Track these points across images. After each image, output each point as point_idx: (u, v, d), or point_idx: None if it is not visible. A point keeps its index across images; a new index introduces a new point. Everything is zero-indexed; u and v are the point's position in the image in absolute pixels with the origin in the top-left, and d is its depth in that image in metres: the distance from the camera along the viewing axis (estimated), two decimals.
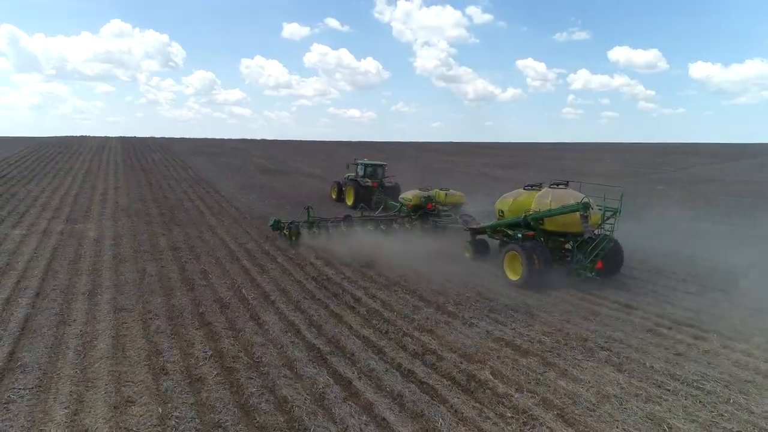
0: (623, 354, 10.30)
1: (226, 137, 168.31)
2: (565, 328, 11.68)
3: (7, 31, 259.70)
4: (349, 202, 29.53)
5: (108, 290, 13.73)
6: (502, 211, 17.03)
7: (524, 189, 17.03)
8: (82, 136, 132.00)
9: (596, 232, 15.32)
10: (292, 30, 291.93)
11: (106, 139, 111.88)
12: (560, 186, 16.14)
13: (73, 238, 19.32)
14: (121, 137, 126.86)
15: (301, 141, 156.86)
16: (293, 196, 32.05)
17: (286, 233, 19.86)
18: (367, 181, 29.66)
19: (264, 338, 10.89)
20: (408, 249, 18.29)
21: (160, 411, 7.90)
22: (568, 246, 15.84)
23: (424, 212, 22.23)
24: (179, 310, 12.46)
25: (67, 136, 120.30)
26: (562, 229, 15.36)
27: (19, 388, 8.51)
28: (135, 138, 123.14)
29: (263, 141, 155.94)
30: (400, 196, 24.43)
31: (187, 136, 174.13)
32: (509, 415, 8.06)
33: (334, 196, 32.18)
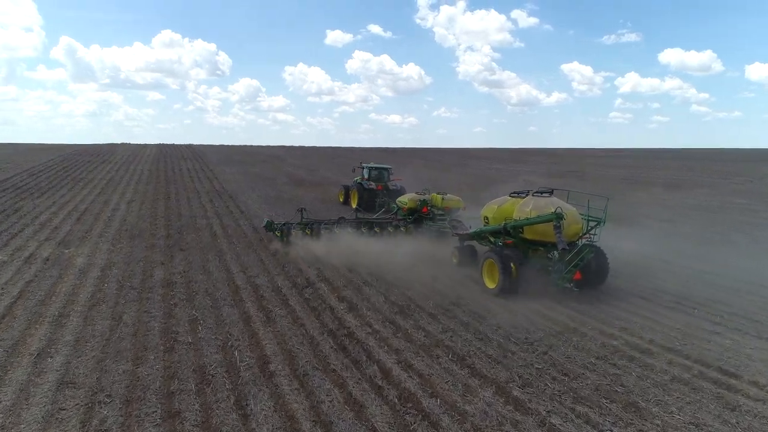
0: None
1: (269, 144, 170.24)
2: None
3: (65, 43, 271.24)
4: (354, 204, 29.66)
5: (64, 349, 10.59)
6: (487, 218, 16.84)
7: (510, 196, 16.74)
8: (122, 143, 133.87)
9: (580, 242, 15.13)
10: (335, 37, 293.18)
11: (143, 146, 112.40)
12: (544, 194, 15.70)
13: (56, 267, 16.43)
14: (160, 144, 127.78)
15: (341, 147, 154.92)
16: (320, 212, 28.63)
17: (278, 234, 20.30)
18: (371, 184, 30.04)
19: None
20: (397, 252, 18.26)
21: None
22: (550, 256, 15.31)
23: (420, 216, 22.33)
24: (143, 386, 9.15)
25: (106, 144, 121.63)
26: (540, 238, 15.08)
27: None
28: (173, 146, 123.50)
29: (302, 148, 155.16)
30: (397, 199, 24.66)
31: (232, 143, 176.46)
32: None
33: (341, 200, 32.66)
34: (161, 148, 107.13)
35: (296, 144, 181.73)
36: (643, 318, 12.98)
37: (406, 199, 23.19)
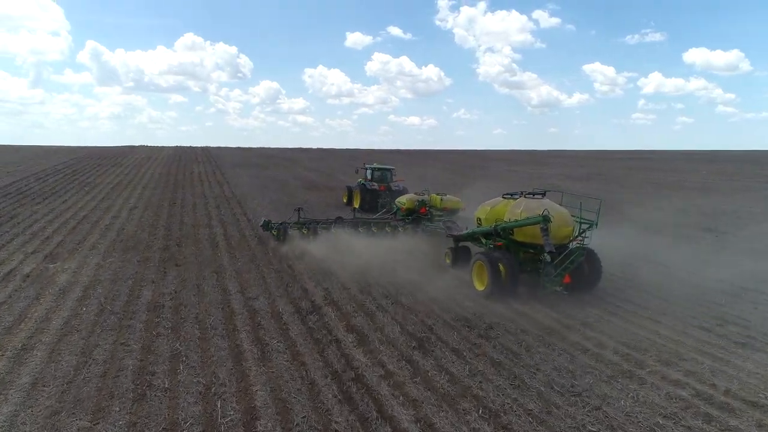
0: None
1: (288, 146, 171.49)
2: None
3: (91, 48, 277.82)
4: (356, 204, 29.53)
5: (16, 395, 8.86)
6: (480, 219, 16.63)
7: (503, 197, 16.47)
8: (140, 146, 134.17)
9: (572, 244, 14.97)
10: (355, 39, 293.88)
11: (160, 149, 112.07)
12: (536, 196, 15.61)
13: (35, 286, 14.78)
14: (176, 147, 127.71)
15: (360, 150, 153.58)
16: (324, 213, 26.66)
17: (275, 233, 20.37)
18: (374, 185, 30.10)
19: None
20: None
21: None
22: (541, 258, 14.85)
23: (418, 216, 22.28)
24: None
25: (124, 146, 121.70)
26: (530, 240, 14.89)
27: None
28: (189, 148, 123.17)
29: (320, 150, 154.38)
30: (396, 200, 24.59)
31: (252, 146, 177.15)
32: None
33: (345, 201, 32.59)
34: (177, 150, 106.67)
35: (315, 146, 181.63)
36: (711, 358, 10.82)
37: (404, 200, 23.31)
